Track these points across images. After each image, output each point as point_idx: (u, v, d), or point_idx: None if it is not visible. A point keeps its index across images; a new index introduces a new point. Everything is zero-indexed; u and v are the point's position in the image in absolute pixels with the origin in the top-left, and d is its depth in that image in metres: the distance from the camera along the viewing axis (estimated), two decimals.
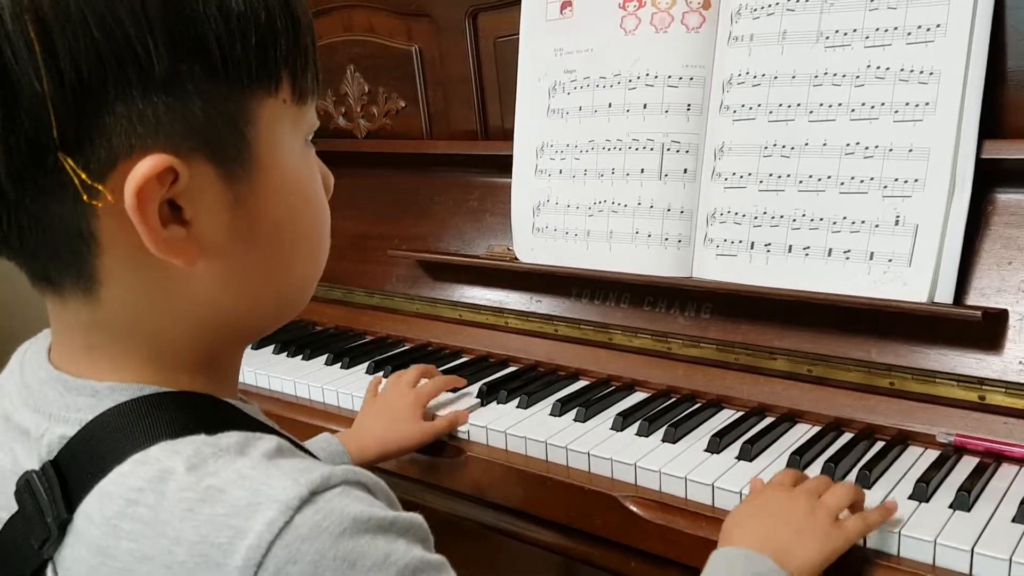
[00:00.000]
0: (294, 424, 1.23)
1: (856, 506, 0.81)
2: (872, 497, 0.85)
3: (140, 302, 0.50)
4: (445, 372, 1.23)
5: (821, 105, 1.03)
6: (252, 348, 1.43)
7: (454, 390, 1.16)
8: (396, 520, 0.48)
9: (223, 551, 0.44)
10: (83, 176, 0.45)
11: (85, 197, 0.45)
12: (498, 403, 1.14)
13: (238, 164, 0.49)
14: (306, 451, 0.56)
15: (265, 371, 1.33)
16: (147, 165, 0.45)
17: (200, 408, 0.52)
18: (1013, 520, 0.80)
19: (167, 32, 0.45)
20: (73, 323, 0.52)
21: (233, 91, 0.48)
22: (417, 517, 0.51)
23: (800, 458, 0.92)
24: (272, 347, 1.41)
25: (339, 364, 1.32)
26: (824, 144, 1.02)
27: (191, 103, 0.46)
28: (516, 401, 1.13)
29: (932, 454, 0.93)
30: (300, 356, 1.37)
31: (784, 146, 1.05)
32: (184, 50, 0.45)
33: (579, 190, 1.22)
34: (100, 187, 0.46)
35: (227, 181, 0.49)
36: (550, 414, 1.09)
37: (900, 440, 0.96)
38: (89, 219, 0.47)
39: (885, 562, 0.79)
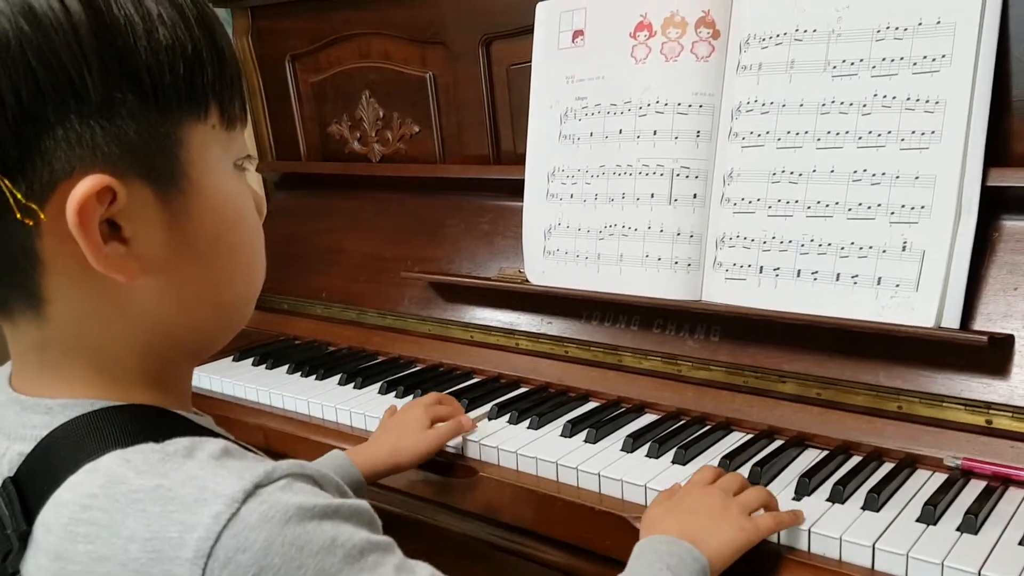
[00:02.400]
0: (308, 443, 1.24)
1: (769, 508, 0.86)
2: (880, 519, 0.86)
3: (85, 319, 0.53)
4: (456, 392, 1.24)
5: (829, 133, 1.05)
6: (266, 368, 1.44)
7: (468, 410, 1.17)
8: (341, 507, 0.51)
9: (173, 545, 0.46)
10: (18, 196, 0.48)
11: (18, 215, 0.48)
12: (509, 423, 1.15)
13: (172, 184, 0.53)
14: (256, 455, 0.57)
15: (279, 391, 1.34)
16: (87, 184, 0.49)
17: (148, 419, 0.54)
18: (1020, 543, 0.80)
19: (101, 63, 0.49)
20: (26, 343, 0.55)
21: (164, 116, 0.52)
22: (363, 503, 0.53)
23: (809, 481, 0.92)
24: (286, 367, 1.43)
25: (352, 384, 1.33)
26: (832, 171, 1.04)
27: (126, 127, 0.50)
28: (527, 422, 1.14)
29: (939, 477, 0.94)
30: (313, 376, 1.38)
31: (792, 172, 1.07)
32: (117, 79, 0.49)
33: (590, 214, 1.24)
34: (34, 206, 0.49)
35: (162, 200, 0.53)
36: (561, 435, 1.10)
37: (908, 463, 0.97)
38: (33, 239, 0.50)
39: None
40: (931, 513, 0.85)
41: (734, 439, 1.07)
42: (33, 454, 0.52)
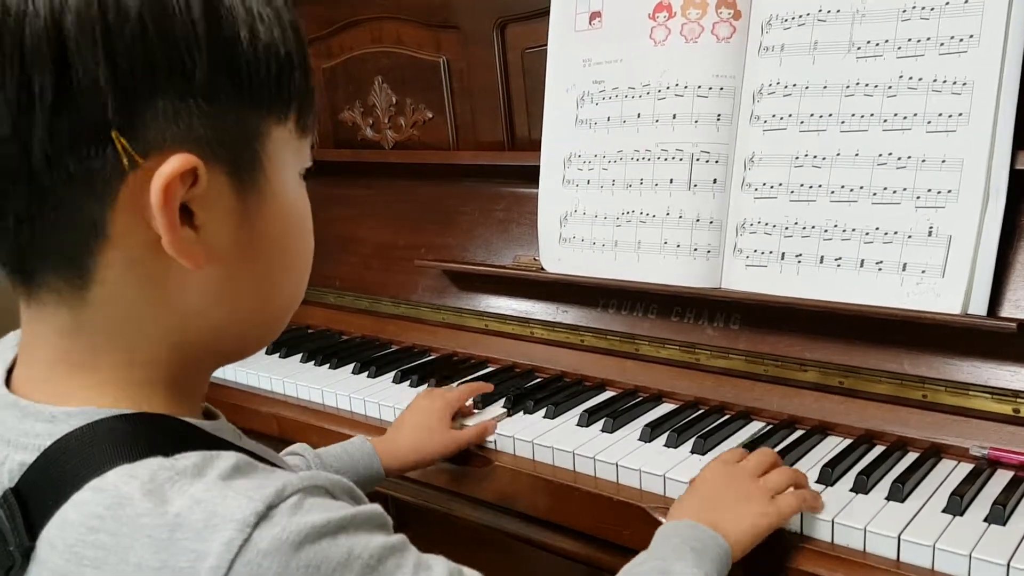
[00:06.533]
0: (321, 432, 1.23)
1: (799, 487, 0.86)
2: (905, 510, 0.84)
3: (131, 305, 0.52)
4: (471, 382, 1.23)
5: (853, 115, 1.02)
6: (280, 357, 1.43)
7: (484, 400, 1.16)
8: (355, 515, 0.49)
9: (185, 575, 0.45)
10: (126, 146, 0.48)
11: (125, 164, 0.48)
12: (525, 413, 1.14)
13: (249, 178, 0.53)
14: (273, 464, 0.55)
15: (293, 379, 1.33)
16: (177, 162, 0.49)
17: (157, 429, 0.52)
18: None
19: (210, 47, 0.49)
20: (47, 330, 0.53)
21: (254, 110, 0.52)
22: (375, 507, 0.52)
23: (831, 471, 0.91)
24: (300, 356, 1.42)
25: (366, 373, 1.32)
26: (856, 154, 1.02)
27: (221, 113, 0.50)
28: (543, 411, 1.13)
29: (965, 467, 0.92)
30: (327, 365, 1.37)
31: (816, 156, 1.05)
32: (221, 65, 0.50)
33: (607, 200, 1.22)
34: (141, 160, 0.48)
35: (238, 193, 0.52)
36: (577, 424, 1.09)
37: (933, 453, 0.95)
38: (105, 210, 0.49)
39: None
40: (957, 504, 0.83)
41: (754, 428, 1.06)
42: (35, 465, 0.50)
